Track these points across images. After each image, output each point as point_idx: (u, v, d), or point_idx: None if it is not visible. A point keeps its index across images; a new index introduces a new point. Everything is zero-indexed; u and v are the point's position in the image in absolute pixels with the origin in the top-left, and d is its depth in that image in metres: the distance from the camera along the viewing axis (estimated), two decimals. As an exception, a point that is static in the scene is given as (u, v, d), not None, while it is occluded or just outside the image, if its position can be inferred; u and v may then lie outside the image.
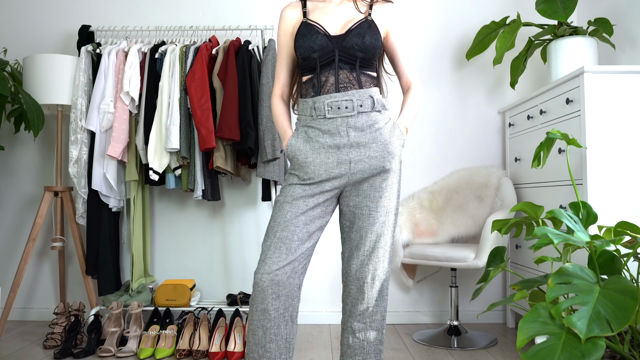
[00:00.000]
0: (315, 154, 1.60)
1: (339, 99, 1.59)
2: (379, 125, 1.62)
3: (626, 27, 2.60)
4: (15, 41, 3.14)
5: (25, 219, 3.12)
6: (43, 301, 3.10)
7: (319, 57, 1.61)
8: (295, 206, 1.59)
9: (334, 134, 1.60)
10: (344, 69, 1.61)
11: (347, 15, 1.67)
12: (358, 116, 1.60)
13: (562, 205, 2.24)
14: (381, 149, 1.62)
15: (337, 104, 1.59)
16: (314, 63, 1.62)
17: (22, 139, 3.14)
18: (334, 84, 1.61)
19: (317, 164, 1.60)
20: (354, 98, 1.60)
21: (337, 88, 1.60)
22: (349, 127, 1.60)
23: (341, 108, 1.59)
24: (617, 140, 2.08)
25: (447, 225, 2.83)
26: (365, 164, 1.61)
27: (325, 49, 1.60)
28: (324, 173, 1.60)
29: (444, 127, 3.11)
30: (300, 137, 1.64)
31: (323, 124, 1.60)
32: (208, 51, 2.71)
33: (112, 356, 2.44)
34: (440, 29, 3.13)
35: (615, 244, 1.54)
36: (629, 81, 2.09)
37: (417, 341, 2.67)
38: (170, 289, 2.71)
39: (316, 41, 1.60)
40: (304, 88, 1.67)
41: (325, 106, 1.59)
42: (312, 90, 1.64)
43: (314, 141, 1.61)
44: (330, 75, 1.61)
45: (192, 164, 2.67)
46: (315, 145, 1.61)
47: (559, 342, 1.41)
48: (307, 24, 1.63)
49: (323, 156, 1.60)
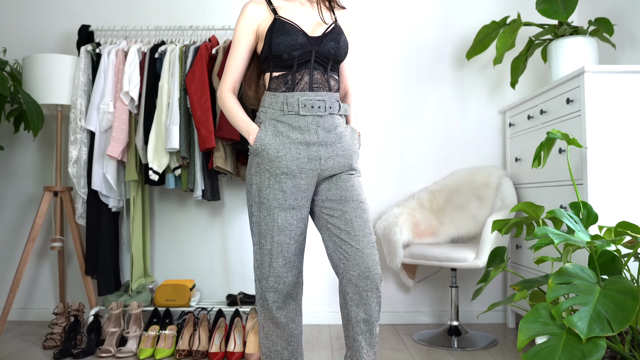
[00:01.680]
0: (286, 148, 1.62)
1: (313, 99, 1.62)
2: (341, 128, 1.68)
3: (627, 27, 2.59)
4: (14, 41, 3.14)
5: (24, 219, 3.12)
6: (42, 301, 3.10)
7: (298, 55, 1.62)
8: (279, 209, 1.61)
9: (305, 131, 1.62)
10: (318, 69, 1.65)
11: (314, 18, 1.70)
12: (327, 117, 1.64)
13: (562, 205, 2.24)
14: (346, 148, 1.68)
15: (311, 103, 1.62)
16: (290, 61, 1.63)
17: (22, 139, 3.13)
18: (308, 83, 1.64)
19: (288, 159, 1.61)
20: (326, 99, 1.64)
21: (311, 87, 1.64)
22: (318, 126, 1.63)
23: (314, 107, 1.62)
24: (618, 140, 2.07)
25: (447, 225, 2.83)
26: (334, 161, 1.65)
27: (305, 48, 1.62)
28: (296, 168, 1.62)
29: (444, 127, 3.11)
30: (269, 130, 1.64)
31: (295, 120, 1.62)
32: (208, 51, 2.70)
33: (112, 356, 2.43)
34: (440, 29, 3.13)
35: (616, 244, 1.53)
36: (630, 81, 2.09)
37: (417, 341, 2.66)
38: (170, 289, 2.70)
39: (297, 40, 1.61)
40: (274, 83, 1.67)
41: (299, 103, 1.62)
42: (284, 87, 1.65)
43: (284, 136, 1.62)
44: (305, 74, 1.64)
45: (192, 164, 2.67)
46: (285, 140, 1.62)
47: (559, 342, 1.41)
48: (282, 21, 1.63)
49: (294, 151, 1.62)
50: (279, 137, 1.62)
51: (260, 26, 1.68)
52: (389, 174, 3.09)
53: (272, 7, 1.69)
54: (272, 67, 1.67)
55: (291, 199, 1.63)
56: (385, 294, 3.05)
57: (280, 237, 1.62)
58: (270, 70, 1.68)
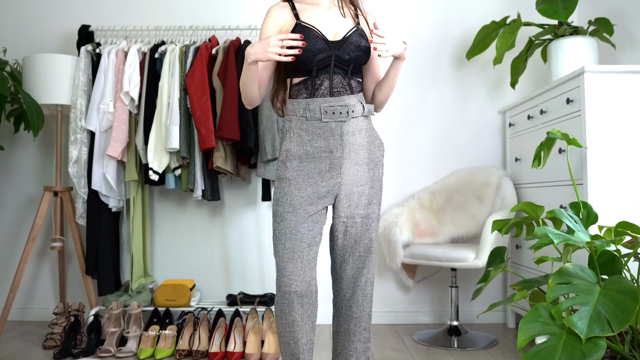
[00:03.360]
0: (310, 157, 1.63)
1: (335, 104, 1.63)
2: (367, 131, 1.69)
3: (626, 27, 2.59)
4: (15, 41, 3.14)
5: (25, 219, 3.12)
6: (43, 301, 3.10)
7: (317, 61, 1.62)
8: (297, 215, 1.61)
9: (328, 137, 1.63)
10: (338, 73, 1.65)
11: (337, 22, 1.69)
12: (349, 121, 1.65)
13: (562, 205, 2.24)
14: (369, 156, 1.69)
15: (332, 109, 1.63)
16: (310, 66, 1.63)
17: (22, 139, 3.13)
18: (328, 88, 1.64)
19: (311, 167, 1.63)
20: (348, 103, 1.64)
21: (332, 92, 1.64)
22: (342, 132, 1.63)
23: (335, 113, 1.63)
24: (618, 140, 2.07)
25: (448, 225, 2.83)
26: (355, 171, 1.66)
27: (324, 52, 1.62)
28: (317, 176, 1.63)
29: (444, 127, 3.11)
30: (294, 140, 1.65)
31: (317, 127, 1.63)
32: (208, 51, 2.70)
33: (112, 356, 2.43)
34: (440, 29, 3.13)
35: (616, 244, 1.53)
36: (630, 81, 2.09)
37: (417, 341, 2.67)
38: (170, 289, 2.70)
39: (316, 45, 1.61)
40: (295, 89, 1.68)
41: (320, 109, 1.62)
42: (305, 92, 1.65)
43: (308, 144, 1.64)
44: (325, 79, 1.64)
45: (192, 164, 2.67)
46: (309, 150, 1.63)
47: (559, 342, 1.41)
48: (303, 26, 1.64)
49: (316, 159, 1.63)
50: (303, 146, 1.64)
51: (282, 30, 1.69)
52: (389, 173, 3.09)
53: (295, 12, 1.69)
54: (293, 73, 1.68)
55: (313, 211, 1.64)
56: (385, 294, 3.06)
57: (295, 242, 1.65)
58: (291, 77, 1.69)
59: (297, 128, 1.65)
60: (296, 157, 1.63)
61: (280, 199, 1.63)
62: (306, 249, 1.61)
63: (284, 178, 1.64)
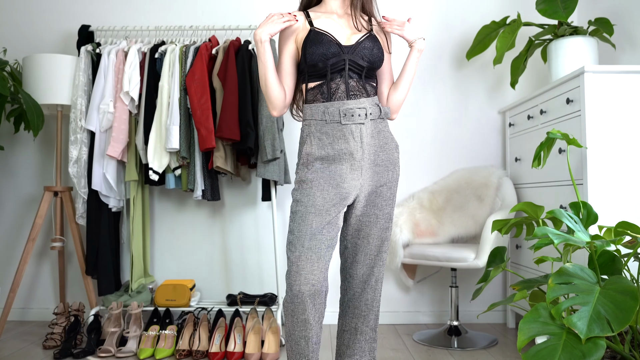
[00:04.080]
0: (331, 159, 1.65)
1: (353, 107, 1.65)
2: (384, 133, 1.71)
3: (626, 27, 2.59)
4: (15, 41, 3.14)
5: (25, 219, 3.12)
6: (43, 301, 3.10)
7: (331, 64, 1.65)
8: (319, 216, 1.62)
9: (349, 140, 1.65)
10: (352, 77, 1.67)
11: (350, 28, 1.73)
12: (368, 123, 1.67)
13: (562, 205, 2.24)
14: (387, 157, 1.71)
15: (351, 111, 1.65)
16: (324, 70, 1.66)
17: (22, 139, 3.13)
18: (344, 92, 1.66)
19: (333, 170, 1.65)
20: (366, 106, 1.66)
21: (348, 95, 1.66)
22: (361, 134, 1.65)
23: (354, 115, 1.65)
24: (618, 140, 2.07)
25: (447, 225, 2.83)
26: (375, 172, 1.68)
27: (338, 57, 1.65)
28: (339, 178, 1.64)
29: (444, 127, 3.11)
30: (315, 144, 1.66)
31: (337, 129, 1.65)
32: (208, 51, 2.70)
33: (112, 356, 2.43)
34: (440, 29, 3.13)
35: (616, 244, 1.54)
36: (629, 81, 2.09)
37: (417, 341, 2.67)
38: (170, 289, 2.70)
39: (330, 49, 1.65)
40: (311, 94, 1.70)
41: (339, 112, 1.64)
42: (321, 97, 1.68)
43: (329, 147, 1.65)
44: (341, 83, 1.67)
45: (192, 164, 2.67)
46: (330, 152, 1.65)
47: (559, 342, 1.41)
48: (317, 32, 1.67)
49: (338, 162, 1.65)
50: (324, 149, 1.65)
51: (298, 37, 1.72)
52: (389, 174, 3.09)
53: (309, 20, 1.73)
54: (308, 78, 1.70)
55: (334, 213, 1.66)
56: (385, 294, 3.06)
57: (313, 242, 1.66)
58: (306, 82, 1.71)
59: (317, 132, 1.67)
60: (318, 160, 1.65)
61: (301, 200, 1.64)
62: (324, 250, 1.62)
63: (305, 180, 1.65)
